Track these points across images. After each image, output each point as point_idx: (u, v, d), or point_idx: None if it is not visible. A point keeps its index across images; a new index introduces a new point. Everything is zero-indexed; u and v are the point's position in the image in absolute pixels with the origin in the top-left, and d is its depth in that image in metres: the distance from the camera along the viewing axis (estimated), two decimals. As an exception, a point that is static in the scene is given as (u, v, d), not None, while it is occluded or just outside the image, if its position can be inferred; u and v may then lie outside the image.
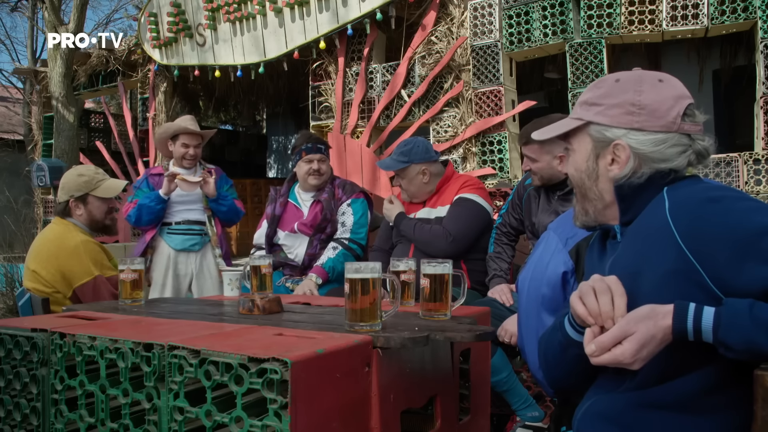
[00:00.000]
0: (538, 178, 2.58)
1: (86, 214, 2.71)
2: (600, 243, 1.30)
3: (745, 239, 1.01)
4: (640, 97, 1.17)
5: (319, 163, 3.09)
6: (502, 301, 2.50)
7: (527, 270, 1.74)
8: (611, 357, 1.02)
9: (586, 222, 1.27)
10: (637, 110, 1.16)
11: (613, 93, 1.19)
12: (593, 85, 1.25)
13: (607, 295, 1.06)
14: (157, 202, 3.39)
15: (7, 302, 5.29)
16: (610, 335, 1.02)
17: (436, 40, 4.54)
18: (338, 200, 3.12)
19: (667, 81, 1.20)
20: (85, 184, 2.70)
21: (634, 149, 1.16)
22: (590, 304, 1.07)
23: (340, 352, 1.24)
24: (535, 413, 2.45)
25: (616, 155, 1.18)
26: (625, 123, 1.17)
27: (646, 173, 1.16)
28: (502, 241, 2.83)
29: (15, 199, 7.32)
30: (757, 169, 3.50)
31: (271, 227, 3.15)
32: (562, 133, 1.28)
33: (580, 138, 1.24)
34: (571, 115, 1.26)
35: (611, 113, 1.18)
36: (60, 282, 2.55)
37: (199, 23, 5.65)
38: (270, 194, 3.29)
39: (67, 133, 6.67)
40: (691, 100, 1.18)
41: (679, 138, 1.16)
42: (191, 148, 3.47)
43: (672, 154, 1.16)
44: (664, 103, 1.16)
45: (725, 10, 3.62)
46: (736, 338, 0.97)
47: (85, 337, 1.39)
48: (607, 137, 1.19)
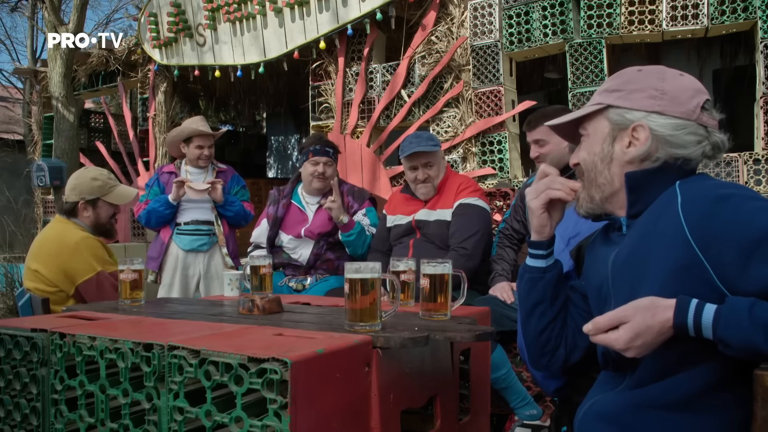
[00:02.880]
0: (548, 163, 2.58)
1: (93, 217, 2.73)
2: (604, 234, 1.30)
3: (751, 239, 1.01)
4: (663, 84, 1.20)
5: (324, 166, 3.08)
6: (503, 298, 2.50)
7: None
8: (604, 339, 1.06)
9: (591, 209, 1.27)
10: (659, 95, 1.19)
11: (636, 80, 1.22)
12: (614, 76, 1.28)
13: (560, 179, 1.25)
14: (166, 207, 3.47)
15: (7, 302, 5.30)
16: (607, 318, 1.06)
17: (436, 40, 4.54)
18: (349, 207, 3.11)
19: (687, 77, 1.23)
20: (98, 188, 2.73)
21: (654, 131, 1.18)
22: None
23: (340, 352, 1.25)
24: (533, 411, 2.45)
25: (634, 137, 1.20)
26: (647, 106, 1.19)
27: (661, 158, 1.18)
28: (505, 244, 2.83)
29: (15, 199, 7.32)
30: (757, 169, 3.49)
31: (272, 229, 3.14)
32: (574, 126, 1.29)
33: (597, 123, 1.25)
34: (589, 103, 1.28)
35: (633, 97, 1.21)
36: (62, 280, 2.56)
37: (199, 23, 5.65)
38: (272, 194, 3.28)
39: (67, 133, 6.67)
40: (709, 97, 1.21)
41: (696, 127, 1.18)
42: (206, 149, 3.56)
43: (689, 142, 1.17)
44: (685, 92, 1.19)
45: (725, 10, 3.62)
46: (734, 336, 0.98)
47: (85, 337, 1.39)
48: (627, 119, 1.21)
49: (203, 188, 3.44)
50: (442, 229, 2.80)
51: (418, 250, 2.77)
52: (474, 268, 2.72)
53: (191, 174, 3.57)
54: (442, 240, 2.80)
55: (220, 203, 3.51)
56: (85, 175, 2.75)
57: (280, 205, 3.17)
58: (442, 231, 2.80)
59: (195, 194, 3.46)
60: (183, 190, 3.44)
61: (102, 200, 2.74)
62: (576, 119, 1.28)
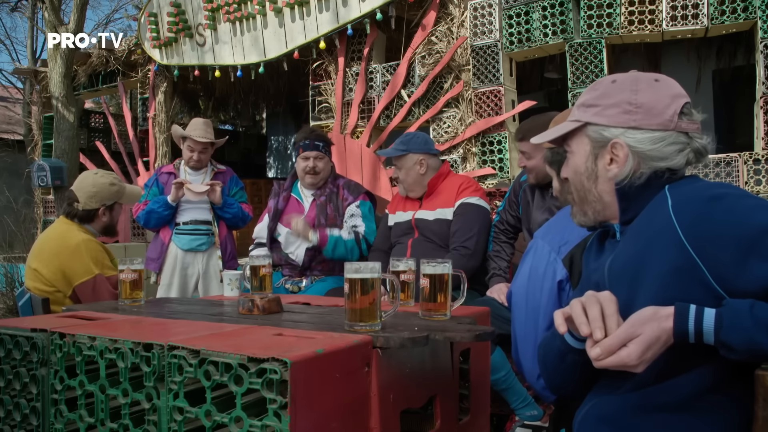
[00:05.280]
0: (533, 176, 2.59)
1: (108, 220, 2.78)
2: (598, 242, 1.30)
3: (748, 237, 1.01)
4: (636, 96, 1.17)
5: (315, 161, 3.07)
6: (500, 300, 2.50)
7: (521, 281, 1.73)
8: (617, 360, 1.01)
9: (585, 223, 1.28)
10: (633, 109, 1.17)
11: (610, 93, 1.20)
12: (590, 87, 1.26)
13: (596, 307, 1.05)
14: (165, 208, 3.47)
15: (7, 302, 5.30)
16: (616, 338, 1.02)
17: (436, 40, 4.54)
18: (344, 200, 3.10)
19: (663, 81, 1.20)
20: (116, 193, 2.79)
21: (632, 148, 1.16)
22: (576, 313, 1.06)
23: (339, 352, 1.24)
24: (534, 412, 2.45)
25: (614, 154, 1.18)
26: (623, 122, 1.17)
27: (646, 173, 1.17)
28: (501, 239, 2.83)
29: (15, 199, 7.32)
30: (757, 169, 3.49)
31: (272, 221, 3.15)
32: (561, 137, 1.28)
33: (579, 140, 1.25)
34: (569, 119, 1.26)
35: (608, 113, 1.19)
36: (60, 280, 2.56)
37: (199, 23, 5.65)
38: (273, 188, 3.30)
39: (67, 133, 6.67)
40: (688, 99, 1.18)
41: (677, 136, 1.16)
42: (196, 153, 3.53)
43: (670, 152, 1.16)
44: (660, 102, 1.16)
45: (725, 10, 3.62)
46: (738, 339, 0.97)
47: (85, 337, 1.39)
48: (604, 137, 1.19)
49: (202, 190, 3.45)
50: (442, 228, 2.81)
51: (416, 250, 2.78)
52: (475, 267, 2.73)
53: (190, 174, 3.57)
54: (441, 239, 2.80)
55: (219, 205, 3.51)
56: (102, 182, 2.76)
57: (281, 198, 3.19)
58: (442, 230, 2.81)
59: (194, 196, 3.47)
60: (182, 192, 3.44)
61: (117, 203, 2.81)
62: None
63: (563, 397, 1.37)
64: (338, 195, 3.08)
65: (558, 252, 1.63)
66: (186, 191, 3.44)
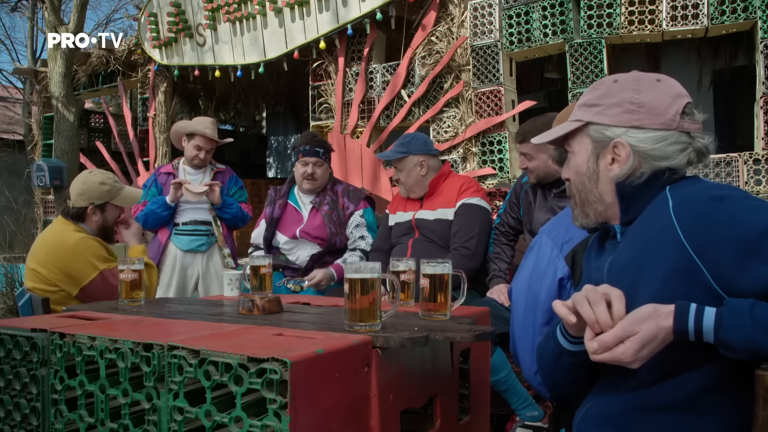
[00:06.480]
0: (534, 177, 2.60)
1: (101, 221, 2.73)
2: (598, 243, 1.30)
3: (749, 239, 1.01)
4: (638, 96, 1.17)
5: (314, 167, 3.06)
6: (500, 300, 2.50)
7: (523, 278, 1.74)
8: (612, 355, 1.02)
9: (587, 224, 1.27)
10: (635, 108, 1.17)
11: (612, 93, 1.20)
12: (591, 87, 1.26)
13: (602, 304, 1.05)
14: (164, 209, 3.46)
15: (7, 302, 5.30)
16: (613, 334, 1.02)
17: (436, 40, 4.54)
18: (345, 209, 3.08)
19: (665, 81, 1.20)
20: (107, 192, 2.71)
21: (634, 147, 1.17)
22: (585, 313, 1.06)
23: (339, 352, 1.24)
24: (535, 413, 2.45)
25: (616, 154, 1.18)
26: (625, 121, 1.17)
27: (646, 173, 1.17)
28: (501, 241, 2.83)
29: (15, 199, 7.32)
30: (757, 169, 3.49)
31: (269, 229, 3.12)
32: (562, 137, 1.28)
33: (580, 140, 1.24)
34: (570, 119, 1.26)
35: (610, 113, 1.19)
36: (64, 281, 2.56)
37: (199, 23, 5.65)
38: (269, 194, 3.26)
39: (67, 133, 6.67)
40: (690, 99, 1.18)
41: (678, 136, 1.16)
42: (203, 152, 3.52)
43: (672, 152, 1.16)
44: (662, 101, 1.16)
45: (725, 10, 3.62)
46: (737, 338, 0.97)
47: (85, 337, 1.39)
48: (606, 136, 1.19)
49: (201, 191, 3.44)
50: (443, 229, 2.81)
51: (416, 250, 2.78)
52: (476, 267, 2.73)
53: (189, 174, 3.56)
54: (442, 239, 2.80)
55: (218, 205, 3.50)
56: (92, 179, 2.73)
57: (277, 206, 3.16)
58: (442, 230, 2.80)
59: (193, 196, 3.45)
60: (180, 192, 3.43)
61: (110, 204, 2.73)
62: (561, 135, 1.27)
63: (561, 396, 1.37)
64: (338, 203, 3.07)
65: (560, 249, 1.63)
66: (185, 191, 3.43)
